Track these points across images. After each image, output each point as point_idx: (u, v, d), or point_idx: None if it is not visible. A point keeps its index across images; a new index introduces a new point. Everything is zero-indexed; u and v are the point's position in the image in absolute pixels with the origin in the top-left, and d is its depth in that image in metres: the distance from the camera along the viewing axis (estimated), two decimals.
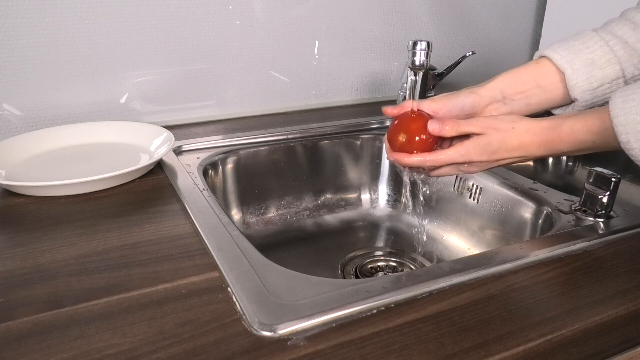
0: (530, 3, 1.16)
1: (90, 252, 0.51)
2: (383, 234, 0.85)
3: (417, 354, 0.38)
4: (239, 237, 0.53)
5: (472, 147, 0.54)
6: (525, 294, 0.45)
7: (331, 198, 0.88)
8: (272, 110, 0.98)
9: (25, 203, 0.62)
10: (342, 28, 0.98)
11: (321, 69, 0.99)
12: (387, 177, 0.88)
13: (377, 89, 1.06)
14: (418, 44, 0.69)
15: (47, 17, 0.77)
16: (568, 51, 0.56)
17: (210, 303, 0.43)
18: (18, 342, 0.39)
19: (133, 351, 0.38)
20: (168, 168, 0.71)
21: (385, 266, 0.77)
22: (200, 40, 0.87)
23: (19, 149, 0.72)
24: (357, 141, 0.87)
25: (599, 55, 0.55)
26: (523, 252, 0.51)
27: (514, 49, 1.19)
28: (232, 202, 0.80)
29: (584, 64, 0.56)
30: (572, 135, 0.51)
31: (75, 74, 0.81)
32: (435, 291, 0.45)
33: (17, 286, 0.46)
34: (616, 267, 0.50)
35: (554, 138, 0.52)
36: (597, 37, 0.56)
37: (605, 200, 0.58)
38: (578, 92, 0.56)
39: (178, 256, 0.51)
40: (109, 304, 0.43)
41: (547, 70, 0.58)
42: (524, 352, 0.39)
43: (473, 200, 0.75)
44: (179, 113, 0.91)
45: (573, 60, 0.56)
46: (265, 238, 0.81)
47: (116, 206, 0.61)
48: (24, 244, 0.53)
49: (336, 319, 0.41)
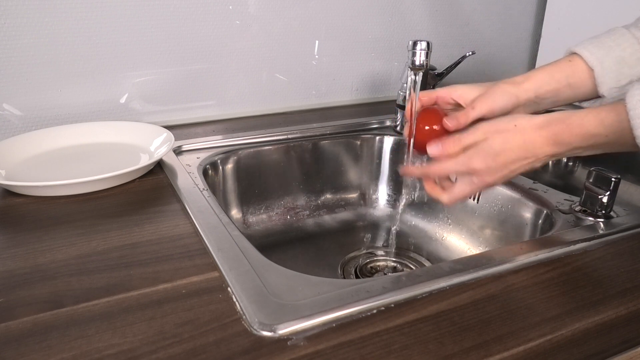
0: (530, 3, 1.16)
1: (90, 252, 0.51)
2: (383, 234, 0.85)
3: (417, 354, 0.38)
4: (239, 237, 0.53)
5: (473, 153, 0.52)
6: (525, 294, 0.45)
7: (331, 198, 0.88)
8: (272, 110, 0.98)
9: (25, 203, 0.62)
10: (342, 28, 0.98)
11: (321, 69, 0.99)
12: (387, 177, 0.88)
13: (377, 89, 1.06)
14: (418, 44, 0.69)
15: (47, 17, 0.77)
16: (599, 48, 0.55)
17: (210, 303, 0.43)
18: (18, 342, 0.39)
19: (133, 351, 0.38)
20: (168, 168, 0.71)
21: (385, 266, 0.77)
22: (200, 40, 0.87)
23: (19, 149, 0.72)
24: (357, 141, 0.87)
25: (630, 53, 0.54)
26: (523, 252, 0.51)
27: (514, 49, 1.19)
28: (232, 202, 0.80)
29: (614, 61, 0.54)
30: (582, 127, 0.48)
31: (75, 74, 0.81)
32: (435, 291, 0.45)
33: (17, 286, 0.46)
34: (616, 267, 0.50)
35: (562, 130, 0.49)
36: (628, 34, 0.55)
37: (605, 200, 0.58)
38: (605, 89, 0.54)
39: (178, 256, 0.51)
40: (109, 304, 0.43)
41: (578, 68, 0.56)
42: (524, 352, 0.39)
43: (473, 200, 0.75)
44: (179, 113, 0.91)
45: (603, 58, 0.54)
46: (265, 238, 0.81)
47: (116, 206, 0.61)
48: (24, 244, 0.53)
49: (336, 319, 0.41)
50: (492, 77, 1.18)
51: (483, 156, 0.51)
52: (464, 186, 0.55)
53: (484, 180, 0.53)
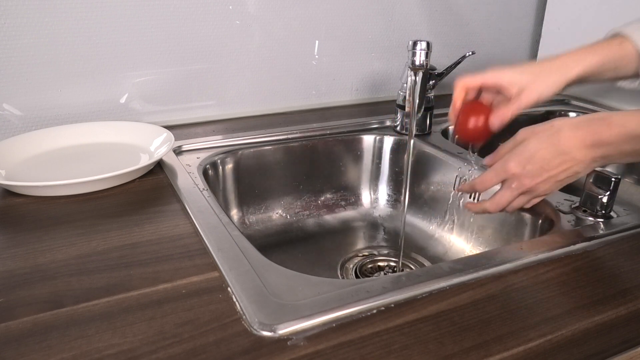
0: (530, 3, 1.16)
1: (90, 252, 0.51)
2: (383, 234, 0.85)
3: (417, 354, 0.38)
4: (239, 237, 0.53)
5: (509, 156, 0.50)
6: (525, 294, 0.45)
7: (331, 198, 0.87)
8: (272, 110, 0.98)
9: (25, 203, 0.62)
10: (342, 28, 0.98)
11: (321, 69, 0.99)
12: (387, 177, 0.88)
13: (377, 89, 1.06)
14: (418, 44, 0.69)
15: (47, 17, 0.77)
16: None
17: (210, 303, 0.43)
18: (18, 342, 0.39)
19: (133, 351, 0.38)
20: (168, 168, 0.71)
21: (385, 266, 0.77)
22: (200, 40, 0.87)
23: (19, 149, 0.72)
24: (357, 141, 0.87)
25: None
26: (523, 252, 0.51)
27: (514, 49, 1.18)
28: (232, 202, 0.80)
29: None
30: (622, 126, 0.46)
31: (75, 74, 0.81)
32: (435, 291, 0.45)
33: (17, 286, 0.46)
34: (616, 267, 0.50)
35: (602, 129, 0.47)
36: None
37: (605, 200, 0.58)
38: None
39: (178, 256, 0.51)
40: (109, 304, 0.43)
41: (628, 52, 0.56)
42: (524, 352, 0.39)
43: (473, 200, 0.75)
44: (179, 113, 0.91)
45: None
46: (265, 238, 0.81)
47: (116, 206, 0.61)
48: (24, 244, 0.53)
49: (336, 319, 0.41)
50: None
51: (518, 158, 0.50)
52: (503, 191, 0.54)
53: (522, 184, 0.52)
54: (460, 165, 0.76)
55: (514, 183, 0.53)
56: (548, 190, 0.54)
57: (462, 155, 0.78)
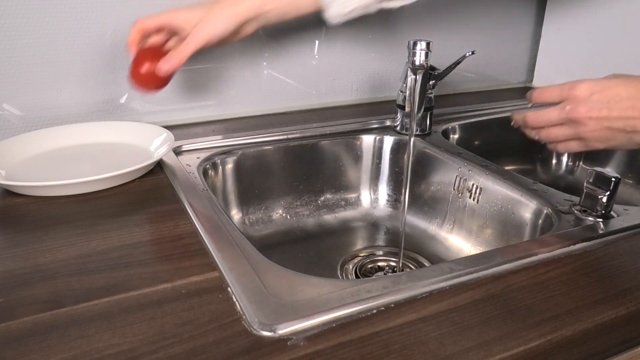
0: (531, 3, 1.16)
1: (90, 252, 0.51)
2: (383, 234, 0.85)
3: (417, 354, 0.38)
4: (239, 237, 0.53)
5: (584, 80, 0.47)
6: (525, 294, 0.45)
7: (331, 198, 0.88)
8: (272, 110, 0.98)
9: (25, 203, 0.62)
10: (342, 28, 0.98)
11: (321, 69, 0.99)
12: (387, 177, 0.88)
13: (377, 89, 1.06)
14: (418, 44, 0.69)
15: (47, 17, 0.76)
16: None
17: (210, 303, 0.43)
18: (18, 342, 0.39)
19: (133, 351, 0.38)
20: (168, 168, 0.71)
21: (385, 266, 0.77)
22: None
23: (19, 149, 0.72)
24: (357, 141, 0.87)
25: None
26: (523, 252, 0.51)
27: (514, 49, 1.18)
28: (232, 202, 0.80)
29: None
30: None
31: (75, 74, 0.81)
32: (435, 291, 0.45)
33: (17, 286, 0.46)
34: (616, 267, 0.50)
35: None
36: None
37: (605, 200, 0.58)
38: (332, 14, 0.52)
39: (178, 256, 0.51)
40: (109, 304, 0.43)
41: None
42: (524, 352, 0.39)
43: (473, 200, 0.75)
44: (179, 113, 0.91)
45: None
46: (265, 238, 0.81)
47: (116, 206, 0.61)
48: (24, 244, 0.53)
49: (336, 319, 0.41)
50: (492, 77, 1.18)
51: (591, 84, 0.47)
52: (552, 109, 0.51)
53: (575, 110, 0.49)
54: (460, 165, 0.76)
55: (568, 105, 0.50)
56: (594, 133, 0.50)
57: (462, 155, 0.78)
